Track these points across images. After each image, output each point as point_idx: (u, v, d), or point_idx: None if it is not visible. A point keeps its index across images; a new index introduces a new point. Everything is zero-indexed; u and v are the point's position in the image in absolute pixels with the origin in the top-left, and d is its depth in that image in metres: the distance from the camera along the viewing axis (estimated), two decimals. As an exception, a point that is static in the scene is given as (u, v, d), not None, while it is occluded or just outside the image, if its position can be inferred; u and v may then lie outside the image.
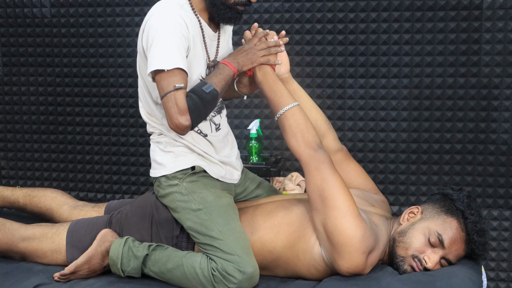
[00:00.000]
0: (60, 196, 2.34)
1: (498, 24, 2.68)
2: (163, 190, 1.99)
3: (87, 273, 1.97)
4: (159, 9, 1.88)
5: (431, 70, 2.77)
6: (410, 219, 1.93)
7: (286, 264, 1.94)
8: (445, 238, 1.85)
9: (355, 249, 1.79)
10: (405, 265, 1.87)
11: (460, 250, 1.88)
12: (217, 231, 1.89)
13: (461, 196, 1.91)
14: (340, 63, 2.85)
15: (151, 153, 2.06)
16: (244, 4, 1.94)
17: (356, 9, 2.79)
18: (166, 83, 1.80)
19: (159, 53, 1.81)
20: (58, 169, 3.20)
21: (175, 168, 1.97)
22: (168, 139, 1.99)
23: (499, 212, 2.81)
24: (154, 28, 1.84)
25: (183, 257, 1.90)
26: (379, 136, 2.86)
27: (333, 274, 1.90)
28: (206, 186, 1.97)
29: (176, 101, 1.78)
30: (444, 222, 1.88)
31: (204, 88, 1.83)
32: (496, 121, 2.75)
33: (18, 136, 3.22)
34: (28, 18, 3.09)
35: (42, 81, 3.15)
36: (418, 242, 1.86)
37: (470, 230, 1.86)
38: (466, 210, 1.88)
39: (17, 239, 2.06)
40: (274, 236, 1.94)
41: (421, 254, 1.86)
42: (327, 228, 1.82)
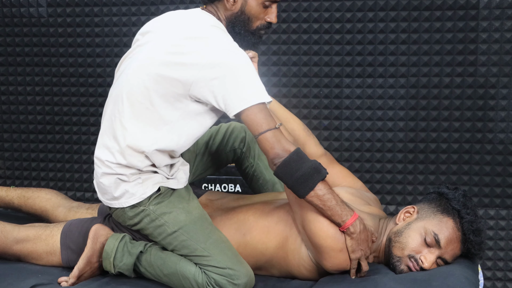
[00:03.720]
0: (55, 198, 2.31)
1: (494, 23, 2.68)
2: (130, 220, 1.90)
3: (91, 274, 1.96)
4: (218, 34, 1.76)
5: (428, 69, 2.77)
6: (406, 218, 1.93)
7: (279, 265, 1.95)
8: (442, 238, 1.85)
9: (331, 248, 1.80)
10: (402, 265, 1.87)
11: (456, 249, 1.88)
12: (201, 249, 1.86)
13: (456, 195, 1.91)
14: (337, 62, 2.85)
15: (106, 189, 1.87)
16: (266, 27, 1.90)
17: (353, 8, 2.79)
18: (268, 116, 1.72)
19: (253, 84, 1.72)
20: (55, 169, 3.20)
21: (145, 194, 1.86)
22: (135, 170, 1.84)
23: (495, 211, 2.81)
24: (234, 59, 1.71)
25: (177, 264, 1.88)
26: (376, 135, 2.87)
27: (322, 275, 1.91)
28: (173, 204, 1.89)
29: (280, 140, 1.72)
30: (440, 221, 1.88)
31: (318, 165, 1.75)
32: (493, 120, 2.75)
33: (15, 136, 3.21)
34: (24, 17, 3.08)
35: (39, 80, 3.15)
36: (414, 242, 1.86)
37: (466, 229, 1.86)
38: (462, 210, 1.88)
39: (10, 242, 2.04)
40: (265, 237, 1.94)
41: (418, 254, 1.86)
42: (307, 230, 1.84)
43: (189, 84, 1.74)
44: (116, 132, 1.83)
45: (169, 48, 1.77)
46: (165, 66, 1.75)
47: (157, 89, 1.77)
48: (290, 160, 1.72)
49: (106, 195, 1.91)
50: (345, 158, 2.90)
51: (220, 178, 2.86)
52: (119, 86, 1.86)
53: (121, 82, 1.85)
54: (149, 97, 1.78)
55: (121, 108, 1.81)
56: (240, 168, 2.27)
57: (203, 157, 2.18)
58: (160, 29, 1.87)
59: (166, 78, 1.75)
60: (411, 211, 1.95)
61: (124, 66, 1.90)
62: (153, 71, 1.77)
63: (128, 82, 1.82)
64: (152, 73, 1.77)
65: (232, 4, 1.85)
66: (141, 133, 1.80)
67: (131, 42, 2.98)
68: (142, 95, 1.78)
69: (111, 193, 1.89)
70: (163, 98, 1.77)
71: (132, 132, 1.80)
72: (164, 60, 1.76)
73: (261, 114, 1.72)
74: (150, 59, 1.79)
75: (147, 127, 1.80)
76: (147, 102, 1.78)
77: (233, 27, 1.88)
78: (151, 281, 1.95)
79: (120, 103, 1.82)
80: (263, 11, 1.87)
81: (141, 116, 1.80)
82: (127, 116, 1.80)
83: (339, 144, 2.90)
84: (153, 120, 1.79)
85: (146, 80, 1.77)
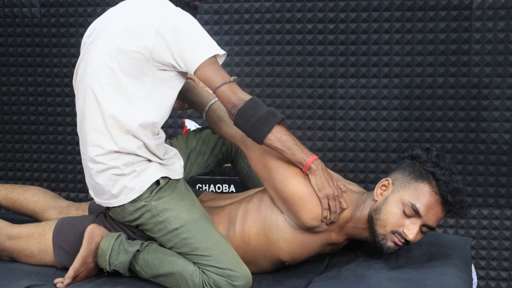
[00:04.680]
0: (42, 199, 2.28)
1: (487, 24, 2.69)
2: (130, 215, 1.91)
3: (86, 275, 1.95)
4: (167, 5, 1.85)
5: (422, 69, 2.78)
6: (384, 193, 1.90)
7: (263, 252, 1.97)
8: (420, 207, 1.81)
9: (302, 194, 1.84)
10: (388, 242, 1.85)
11: (438, 213, 1.84)
12: (202, 248, 1.87)
13: (429, 156, 1.86)
14: (331, 63, 2.86)
15: (103, 188, 1.89)
16: (193, 8, 1.97)
17: (346, 9, 2.80)
18: (222, 71, 1.80)
19: (204, 39, 1.79)
20: (48, 170, 3.19)
21: (144, 186, 1.87)
22: (127, 157, 1.86)
23: (489, 211, 2.82)
24: (181, 21, 1.79)
25: (175, 264, 1.88)
26: (370, 135, 2.87)
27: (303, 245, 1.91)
28: (175, 200, 1.90)
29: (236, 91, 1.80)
30: (416, 189, 1.83)
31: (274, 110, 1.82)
32: (486, 120, 2.76)
33: (8, 136, 3.20)
34: (17, 18, 3.07)
35: (32, 81, 3.14)
36: (393, 217, 1.84)
37: (443, 192, 1.81)
38: (436, 171, 1.82)
39: (3, 238, 2.04)
40: (246, 226, 1.98)
41: (400, 228, 1.83)
42: (277, 189, 1.88)
43: (149, 51, 1.79)
44: (98, 124, 1.86)
45: (121, 31, 1.83)
46: (123, 43, 1.81)
47: (121, 67, 1.82)
48: (246, 107, 1.79)
49: (104, 195, 1.91)
50: (339, 158, 2.90)
51: (214, 178, 2.86)
52: (83, 87, 1.89)
53: (84, 81, 1.88)
54: (115, 78, 1.82)
55: (94, 101, 1.85)
56: (235, 167, 2.28)
57: (198, 155, 2.19)
58: (106, 22, 1.92)
59: (127, 53, 1.80)
60: (386, 184, 1.91)
61: (81, 69, 1.93)
62: (113, 52, 1.82)
63: (92, 74, 1.85)
64: (112, 54, 1.82)
65: None
66: (120, 114, 1.83)
67: (125, 42, 2.99)
68: (108, 78, 1.83)
69: (109, 192, 1.89)
70: (129, 75, 1.82)
71: (112, 115, 1.83)
72: (120, 39, 1.82)
73: (215, 70, 1.80)
74: (106, 45, 1.84)
75: (122, 106, 1.83)
76: (115, 83, 1.83)
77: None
78: (147, 281, 1.94)
79: (91, 98, 1.85)
80: None
81: (114, 98, 1.83)
82: (102, 103, 1.84)
83: (333, 144, 2.91)
84: (126, 98, 1.83)
85: (108, 63, 1.82)
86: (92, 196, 1.98)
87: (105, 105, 1.83)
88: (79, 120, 1.93)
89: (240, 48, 2.92)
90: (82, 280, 1.94)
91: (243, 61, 2.93)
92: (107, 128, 1.84)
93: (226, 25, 2.91)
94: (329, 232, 1.92)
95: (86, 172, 1.96)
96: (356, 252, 2.09)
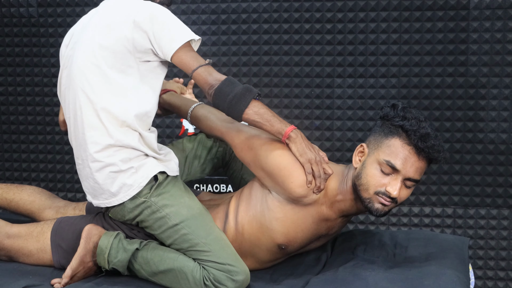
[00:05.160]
0: (38, 199, 2.28)
1: (485, 24, 2.70)
2: (130, 213, 1.92)
3: (84, 274, 1.95)
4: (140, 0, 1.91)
5: (419, 69, 2.79)
6: (361, 159, 1.92)
7: (258, 240, 1.97)
8: (396, 162, 1.82)
9: (286, 162, 1.88)
10: (375, 205, 1.86)
11: (415, 163, 1.84)
12: (202, 244, 1.88)
13: (396, 112, 1.87)
14: (328, 62, 2.86)
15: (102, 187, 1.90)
16: (168, 3, 2.03)
17: (344, 9, 2.80)
18: (197, 55, 1.85)
19: (179, 26, 1.85)
20: (46, 170, 3.18)
21: (143, 182, 1.88)
22: (124, 152, 1.88)
23: (486, 210, 2.83)
24: (156, 11, 1.84)
25: (175, 261, 1.89)
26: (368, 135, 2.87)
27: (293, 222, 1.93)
28: (174, 197, 1.92)
29: (212, 73, 1.85)
30: (388, 146, 1.85)
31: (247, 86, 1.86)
32: (484, 120, 2.77)
33: (5, 136, 3.20)
34: (14, 17, 3.07)
35: (30, 81, 3.13)
36: (373, 179, 1.85)
37: (413, 140, 1.82)
38: (404, 124, 1.84)
39: (2, 236, 2.04)
40: (238, 216, 1.99)
41: (383, 187, 1.84)
42: (263, 165, 1.92)
43: (130, 42, 1.84)
44: (92, 121, 1.87)
45: (101, 29, 1.88)
46: (104, 39, 1.86)
47: (107, 62, 1.85)
48: (223, 86, 1.84)
49: (103, 195, 1.92)
50: (336, 158, 2.90)
51: (212, 178, 2.86)
52: (72, 91, 1.91)
53: (72, 85, 1.91)
54: (103, 73, 1.86)
55: (85, 99, 1.88)
56: (227, 172, 2.29)
57: (194, 159, 2.22)
58: (82, 26, 1.96)
59: (110, 48, 1.85)
60: (361, 150, 1.93)
61: (65, 77, 1.95)
62: (96, 50, 1.86)
63: (79, 75, 1.88)
64: (96, 52, 1.86)
65: None
66: (112, 106, 1.86)
67: (122, 42, 2.99)
68: (96, 75, 1.86)
69: (107, 191, 1.90)
70: (115, 69, 1.86)
71: (105, 108, 1.86)
72: (101, 36, 1.87)
73: (190, 54, 1.86)
74: (89, 46, 1.88)
75: (114, 99, 1.87)
76: (103, 78, 1.86)
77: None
78: (145, 280, 1.94)
79: (82, 97, 1.88)
80: None
81: (104, 92, 1.86)
82: (94, 99, 1.86)
83: (331, 144, 2.91)
84: (116, 90, 1.87)
85: (94, 61, 1.86)
86: (90, 200, 1.98)
87: (96, 100, 1.86)
88: (72, 125, 1.94)
89: (237, 48, 2.92)
90: (79, 280, 1.94)
91: (241, 61, 2.93)
92: (101, 122, 1.86)
93: (223, 24, 2.91)
94: (320, 205, 1.92)
95: (82, 175, 1.96)
96: (354, 251, 2.09)
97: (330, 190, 1.92)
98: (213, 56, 2.93)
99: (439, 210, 2.88)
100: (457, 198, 2.85)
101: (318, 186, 1.87)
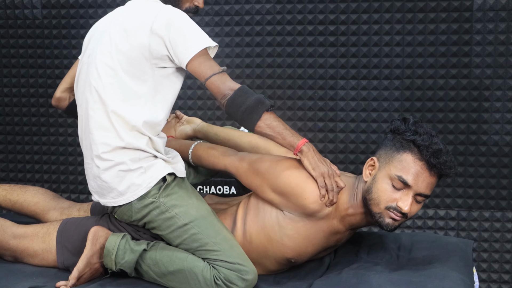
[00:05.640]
0: (42, 201, 2.29)
1: (488, 25, 2.69)
2: (138, 214, 1.91)
3: (90, 276, 1.96)
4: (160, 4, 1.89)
5: (422, 71, 2.78)
6: (372, 172, 1.90)
7: (266, 251, 1.97)
8: (407, 178, 1.81)
9: (298, 179, 1.87)
10: (385, 219, 1.85)
11: (427, 179, 1.83)
12: (212, 243, 1.88)
13: (407, 126, 1.87)
14: (331, 64, 2.86)
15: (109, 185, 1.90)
16: (193, 11, 2.01)
17: (347, 10, 2.80)
18: (212, 63, 1.85)
19: (196, 33, 1.84)
20: (50, 171, 3.19)
21: (151, 183, 1.89)
22: (133, 152, 1.89)
23: (490, 213, 2.82)
24: (173, 17, 1.83)
25: (185, 261, 1.89)
26: (371, 137, 2.87)
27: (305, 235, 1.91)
28: (183, 198, 1.93)
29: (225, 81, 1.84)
30: (400, 161, 1.84)
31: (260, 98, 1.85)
32: (487, 122, 2.76)
33: (10, 138, 3.20)
34: (19, 19, 3.08)
35: (34, 82, 3.14)
36: (384, 194, 1.83)
37: (425, 156, 1.81)
38: (416, 139, 1.83)
39: (8, 236, 2.05)
40: (246, 225, 1.98)
41: (394, 202, 1.83)
42: (273, 186, 1.91)
43: (146, 48, 1.84)
44: (103, 122, 1.88)
45: (120, 33, 1.88)
46: (122, 44, 1.86)
47: (123, 67, 1.86)
48: (235, 96, 1.84)
49: (110, 193, 1.92)
50: (339, 160, 2.90)
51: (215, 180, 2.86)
52: (88, 88, 1.92)
53: (88, 83, 1.91)
54: (118, 78, 1.86)
55: (98, 99, 1.88)
56: None
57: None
58: (106, 25, 1.96)
59: (126, 53, 1.85)
60: (372, 163, 1.91)
61: (84, 73, 1.96)
62: (114, 54, 1.86)
63: (95, 74, 1.89)
64: (114, 55, 1.86)
65: None
66: (124, 111, 1.86)
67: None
68: (111, 77, 1.87)
69: (115, 189, 1.90)
70: (131, 74, 1.86)
71: (116, 112, 1.87)
72: (120, 40, 1.87)
73: (205, 62, 1.85)
74: (108, 48, 1.88)
75: (126, 103, 1.87)
76: (117, 82, 1.87)
77: (165, 2, 1.97)
78: (151, 282, 1.94)
79: (96, 97, 1.88)
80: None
81: (117, 95, 1.87)
82: (106, 101, 1.87)
83: (334, 146, 2.91)
84: (129, 95, 1.87)
85: (110, 64, 1.87)
86: (97, 199, 1.98)
87: (108, 103, 1.86)
88: (83, 121, 1.95)
89: (241, 49, 2.92)
90: (86, 282, 1.94)
91: (244, 63, 2.93)
92: (112, 124, 1.87)
93: (227, 26, 2.91)
94: (331, 219, 1.91)
95: (90, 175, 1.97)
96: (357, 254, 2.09)
97: (341, 203, 1.91)
98: (215, 58, 2.92)
99: (443, 213, 2.87)
100: (461, 200, 2.85)
101: (331, 199, 1.87)
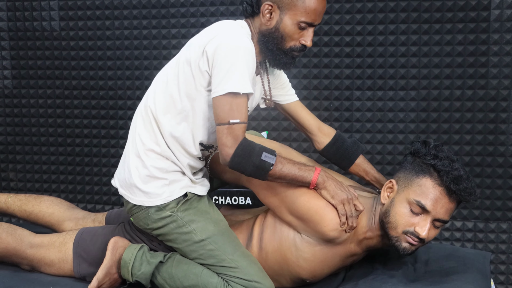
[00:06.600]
0: (57, 211, 2.30)
1: (505, 36, 2.68)
2: (154, 224, 1.92)
3: (109, 286, 1.97)
4: (232, 30, 1.82)
5: (439, 82, 2.77)
6: (390, 195, 1.88)
7: (281, 270, 1.96)
8: (426, 203, 1.79)
9: (318, 207, 1.85)
10: (402, 244, 1.83)
11: (446, 205, 1.81)
12: (229, 260, 1.88)
13: (428, 149, 1.84)
14: (347, 75, 2.86)
15: (129, 173, 1.92)
16: (300, 50, 1.89)
17: (363, 21, 2.80)
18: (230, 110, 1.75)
19: (232, 73, 1.74)
20: (66, 181, 3.21)
21: (170, 197, 1.89)
22: (165, 162, 1.90)
23: (508, 225, 2.79)
24: (222, 46, 1.76)
25: (199, 276, 1.89)
26: (387, 148, 2.86)
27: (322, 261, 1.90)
28: (201, 212, 1.92)
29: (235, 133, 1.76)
30: (419, 185, 1.82)
31: (264, 153, 1.79)
32: (505, 133, 2.74)
33: (27, 148, 3.24)
34: (37, 31, 3.12)
35: (51, 93, 3.17)
36: (402, 218, 1.82)
37: (446, 182, 1.78)
38: (436, 163, 1.80)
39: (25, 245, 2.07)
40: (262, 242, 1.98)
41: (412, 227, 1.81)
42: (292, 211, 1.89)
43: (196, 63, 1.82)
44: (147, 123, 1.90)
45: (187, 45, 1.90)
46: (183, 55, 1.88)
47: (174, 77, 1.87)
48: (234, 165, 1.78)
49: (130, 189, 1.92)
50: (355, 171, 2.89)
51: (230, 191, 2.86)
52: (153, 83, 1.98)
53: (157, 78, 1.97)
54: (166, 87, 1.88)
55: (151, 100, 1.92)
56: None
57: None
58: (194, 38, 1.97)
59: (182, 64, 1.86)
60: (391, 186, 1.90)
61: (163, 69, 2.01)
62: (175, 63, 1.89)
63: (158, 76, 1.95)
64: (174, 64, 1.89)
65: (267, 19, 1.86)
66: (171, 126, 1.87)
67: (142, 55, 3.02)
68: (163, 83, 1.90)
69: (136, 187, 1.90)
70: (178, 87, 1.86)
71: (158, 119, 1.89)
72: (184, 51, 1.88)
73: (227, 106, 1.76)
74: (175, 58, 1.92)
75: (166, 113, 1.87)
76: (165, 91, 1.88)
77: (266, 42, 1.88)
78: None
79: (150, 96, 1.93)
80: (298, 32, 1.85)
81: (160, 105, 1.88)
82: (153, 107, 1.90)
83: (350, 157, 2.90)
84: (170, 107, 1.87)
85: (169, 72, 1.90)
86: (116, 185, 2.00)
87: (154, 108, 1.89)
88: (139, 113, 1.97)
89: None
90: None
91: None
92: (152, 128, 1.90)
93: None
94: (349, 244, 1.91)
95: (123, 162, 1.98)
96: (373, 265, 2.07)
97: (360, 227, 1.90)
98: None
99: (460, 224, 2.85)
100: (478, 211, 2.82)
101: (350, 225, 1.85)
